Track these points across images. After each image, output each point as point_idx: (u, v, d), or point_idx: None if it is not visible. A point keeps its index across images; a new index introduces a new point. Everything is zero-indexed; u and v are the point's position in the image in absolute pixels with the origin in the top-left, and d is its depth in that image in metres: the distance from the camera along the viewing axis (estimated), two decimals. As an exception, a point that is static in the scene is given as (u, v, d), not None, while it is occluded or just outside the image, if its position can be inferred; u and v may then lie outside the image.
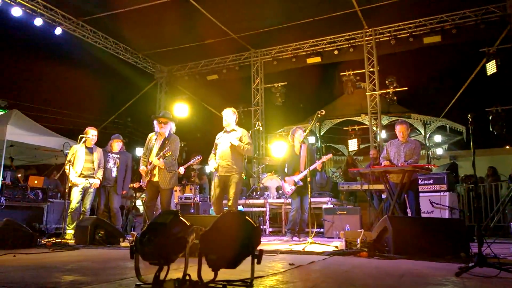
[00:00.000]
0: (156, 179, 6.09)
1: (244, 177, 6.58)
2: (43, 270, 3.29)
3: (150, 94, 15.78)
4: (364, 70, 12.41)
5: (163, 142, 6.17)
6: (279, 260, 4.10)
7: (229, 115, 6.54)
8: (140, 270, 2.49)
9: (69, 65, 13.53)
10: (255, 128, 12.64)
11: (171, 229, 2.45)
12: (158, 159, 6.00)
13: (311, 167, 6.73)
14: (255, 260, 2.37)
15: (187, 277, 2.30)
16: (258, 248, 2.45)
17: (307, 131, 6.59)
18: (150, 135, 6.49)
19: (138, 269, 2.47)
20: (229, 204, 6.15)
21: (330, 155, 7.24)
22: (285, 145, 11.32)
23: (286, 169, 7.37)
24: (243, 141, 6.30)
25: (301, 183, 6.99)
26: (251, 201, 9.75)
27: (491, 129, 11.43)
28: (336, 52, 12.80)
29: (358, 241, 4.92)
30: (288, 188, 7.18)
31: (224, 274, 2.40)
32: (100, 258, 4.35)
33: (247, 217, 2.49)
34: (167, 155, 5.98)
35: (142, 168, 6.26)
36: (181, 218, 2.61)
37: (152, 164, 6.08)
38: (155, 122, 6.31)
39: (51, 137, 9.77)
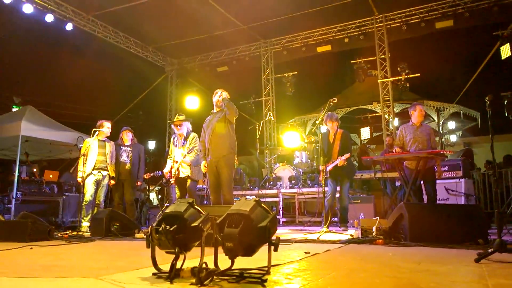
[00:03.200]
0: (182, 175, 6.66)
1: (236, 165, 6.26)
2: (60, 261, 3.31)
3: (161, 87, 15.82)
4: (375, 58, 12.25)
5: (184, 142, 6.80)
6: (294, 248, 4.08)
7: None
8: (157, 259, 2.49)
9: (80, 61, 13.57)
10: (267, 119, 12.63)
11: (186, 218, 2.44)
12: (183, 156, 6.61)
13: (344, 157, 6.66)
14: (272, 248, 2.35)
15: (204, 265, 2.28)
16: (275, 235, 2.43)
17: (320, 119, 6.49)
18: (172, 138, 7.12)
19: (154, 258, 2.47)
20: (223, 193, 5.81)
21: (348, 155, 6.95)
22: (297, 135, 11.32)
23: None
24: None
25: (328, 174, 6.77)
26: (264, 191, 9.74)
27: (506, 114, 11.16)
28: (346, 40, 12.64)
29: (374, 228, 4.87)
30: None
31: (241, 262, 2.38)
32: (116, 248, 4.37)
33: (263, 204, 2.46)
34: (189, 152, 6.61)
35: (166, 170, 6.84)
36: (196, 207, 2.60)
37: (179, 163, 6.62)
38: (172, 126, 6.99)
39: (65, 131, 9.85)
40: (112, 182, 7.44)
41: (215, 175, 5.85)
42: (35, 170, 9.43)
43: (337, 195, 7.15)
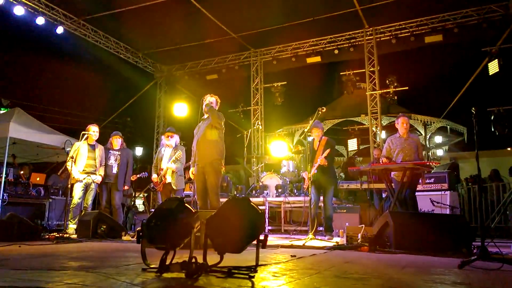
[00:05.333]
0: (169, 181, 7.16)
1: (223, 172, 6.26)
2: (49, 257, 3.35)
3: (150, 94, 15.84)
4: (364, 70, 12.41)
5: (172, 151, 7.31)
6: (281, 253, 4.17)
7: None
8: (147, 259, 2.55)
9: (70, 65, 13.59)
10: (255, 127, 12.74)
11: (177, 215, 2.53)
12: (171, 163, 7.11)
13: (322, 156, 6.71)
14: (260, 245, 2.43)
15: (193, 260, 2.36)
16: (263, 234, 2.51)
17: (308, 127, 6.59)
18: (159, 149, 7.66)
19: (144, 253, 2.53)
20: (209, 199, 5.82)
21: (328, 150, 7.08)
22: (284, 144, 11.43)
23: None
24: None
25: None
26: (250, 199, 9.78)
27: (493, 129, 11.38)
28: (336, 51, 12.84)
29: (359, 236, 4.97)
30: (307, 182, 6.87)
31: (229, 261, 2.46)
32: (103, 249, 4.42)
33: (252, 203, 2.55)
34: (178, 158, 7.12)
35: (154, 176, 7.33)
36: (186, 204, 2.68)
37: (165, 169, 7.14)
38: (163, 137, 7.58)
39: (52, 135, 9.80)
40: (99, 179, 7.46)
41: (202, 181, 5.84)
42: (22, 172, 9.38)
43: (321, 204, 7.21)
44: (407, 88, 12.30)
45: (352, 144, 15.13)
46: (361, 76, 12.73)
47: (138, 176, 9.16)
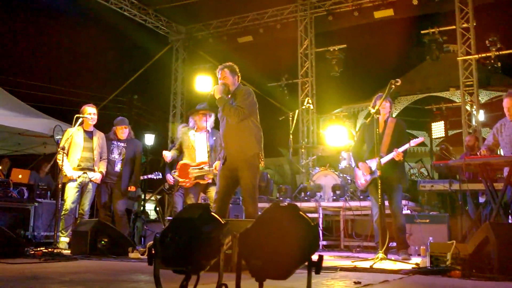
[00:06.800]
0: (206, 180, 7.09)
1: (261, 167, 6.20)
2: (35, 281, 3.44)
3: (163, 63, 16.04)
4: (454, 27, 12.15)
5: (210, 139, 7.16)
6: (340, 277, 4.13)
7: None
8: (161, 280, 2.57)
9: (60, 28, 13.86)
10: (304, 107, 12.65)
11: (200, 227, 2.53)
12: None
13: (401, 149, 6.52)
14: (313, 270, 2.40)
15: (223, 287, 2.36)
16: (316, 253, 2.48)
17: (377, 106, 6.45)
18: (182, 129, 7.49)
19: (158, 277, 2.55)
20: (244, 205, 5.96)
21: (422, 139, 6.93)
22: (344, 130, 11.32)
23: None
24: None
25: (377, 174, 6.28)
26: (298, 204, 9.77)
27: None
28: (415, 2, 12.56)
29: (448, 256, 4.87)
30: (362, 178, 6.91)
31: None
32: (105, 270, 4.50)
33: (301, 212, 2.52)
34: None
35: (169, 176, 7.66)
36: (212, 213, 2.68)
37: (215, 163, 6.86)
38: (191, 118, 7.37)
39: (38, 118, 10.01)
40: (98, 178, 7.58)
41: (228, 180, 5.83)
42: (0, 168, 9.68)
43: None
44: (515, 51, 11.92)
45: (438, 128, 14.77)
46: (451, 35, 12.42)
47: (148, 177, 9.20)
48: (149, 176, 9.23)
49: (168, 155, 7.33)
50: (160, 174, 9.01)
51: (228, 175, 5.84)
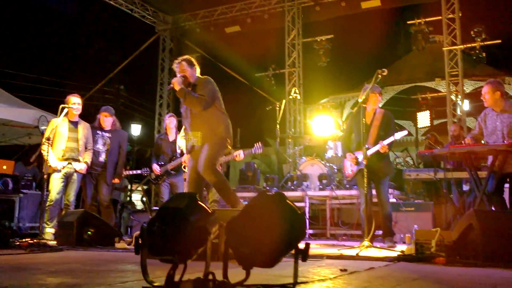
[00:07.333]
0: None
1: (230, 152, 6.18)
2: (22, 272, 3.43)
3: (150, 53, 15.96)
4: (440, 17, 12.19)
5: None
6: (326, 265, 4.15)
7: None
8: (149, 270, 2.56)
9: (45, 16, 13.73)
10: (291, 97, 12.66)
11: (187, 216, 2.52)
12: None
13: (386, 141, 6.53)
14: (299, 256, 2.41)
15: (210, 277, 2.36)
16: (303, 242, 2.49)
17: (364, 96, 6.48)
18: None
19: (145, 267, 2.54)
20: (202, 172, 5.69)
21: (406, 132, 6.97)
22: (330, 119, 11.34)
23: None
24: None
25: (363, 165, 6.32)
26: (285, 193, 9.78)
27: None
28: (402, -9, 12.62)
29: (433, 243, 4.91)
30: (349, 169, 6.91)
31: (258, 277, 2.45)
32: (91, 260, 4.50)
33: (288, 200, 2.53)
34: None
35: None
36: (200, 203, 2.67)
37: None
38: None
39: (23, 109, 9.96)
40: (83, 168, 7.55)
41: (195, 170, 5.79)
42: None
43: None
44: (499, 41, 11.96)
45: (424, 118, 14.84)
46: (436, 26, 12.45)
47: (135, 172, 9.10)
48: (138, 171, 9.14)
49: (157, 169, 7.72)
50: (149, 170, 8.86)
51: (194, 164, 5.81)
